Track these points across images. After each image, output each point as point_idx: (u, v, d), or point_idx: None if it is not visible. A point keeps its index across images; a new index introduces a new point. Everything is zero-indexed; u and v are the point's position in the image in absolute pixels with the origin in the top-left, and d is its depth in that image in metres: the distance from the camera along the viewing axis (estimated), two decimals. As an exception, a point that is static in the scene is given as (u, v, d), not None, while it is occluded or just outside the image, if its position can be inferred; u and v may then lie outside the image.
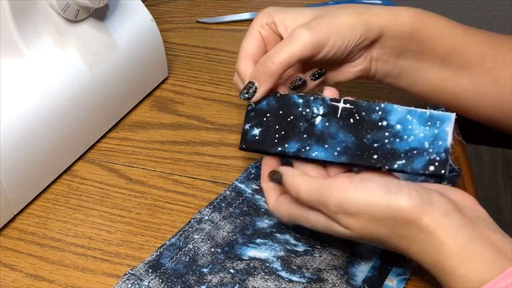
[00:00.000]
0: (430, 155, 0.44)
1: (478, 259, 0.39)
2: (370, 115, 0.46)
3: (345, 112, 0.47)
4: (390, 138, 0.45)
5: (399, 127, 0.45)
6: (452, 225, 0.40)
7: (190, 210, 0.55)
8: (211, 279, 0.48)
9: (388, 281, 0.48)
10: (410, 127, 0.45)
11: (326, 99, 0.47)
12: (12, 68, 0.54)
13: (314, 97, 0.48)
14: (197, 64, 0.73)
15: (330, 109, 0.47)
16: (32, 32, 0.54)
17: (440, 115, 0.45)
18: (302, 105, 0.48)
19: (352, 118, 0.47)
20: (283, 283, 0.48)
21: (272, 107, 0.49)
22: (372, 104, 0.46)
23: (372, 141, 0.45)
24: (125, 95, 0.64)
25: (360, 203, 0.42)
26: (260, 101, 0.50)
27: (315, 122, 0.47)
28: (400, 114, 0.46)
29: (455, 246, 0.40)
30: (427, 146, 0.45)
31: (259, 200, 0.55)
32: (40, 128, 0.54)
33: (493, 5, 1.42)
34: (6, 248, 0.52)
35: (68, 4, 0.56)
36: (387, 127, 0.46)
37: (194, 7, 0.84)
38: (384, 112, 0.46)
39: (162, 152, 0.61)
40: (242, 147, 0.50)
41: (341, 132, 0.47)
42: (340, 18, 0.49)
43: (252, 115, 0.50)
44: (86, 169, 0.60)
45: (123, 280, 0.48)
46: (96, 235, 0.53)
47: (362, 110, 0.46)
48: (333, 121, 0.47)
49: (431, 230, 0.40)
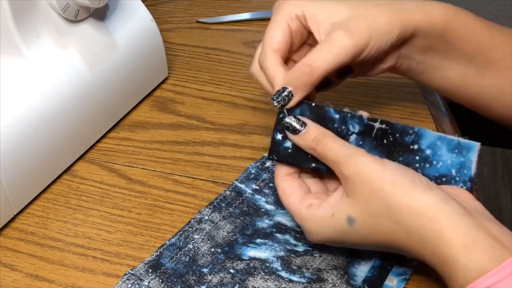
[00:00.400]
0: (457, 183, 0.46)
1: (479, 248, 0.39)
2: (403, 137, 0.46)
3: (380, 132, 0.47)
4: (421, 162, 0.46)
5: (429, 152, 0.46)
6: (451, 211, 0.40)
7: (190, 210, 0.55)
8: (211, 279, 0.48)
9: (388, 281, 0.48)
10: (439, 153, 0.46)
11: (364, 118, 0.47)
12: (12, 68, 0.54)
13: (351, 115, 0.47)
14: (197, 64, 0.73)
15: (365, 127, 0.47)
16: (32, 32, 0.54)
17: (467, 144, 0.46)
18: (338, 121, 0.47)
19: (386, 139, 0.47)
20: (283, 283, 0.48)
21: (306, 117, 0.47)
22: (407, 127, 0.47)
23: (404, 164, 0.45)
24: (125, 95, 0.64)
25: (372, 170, 0.42)
26: (293, 109, 0.47)
27: (349, 139, 0.47)
28: (431, 139, 0.46)
29: (457, 233, 0.39)
30: (454, 173, 0.46)
31: (259, 200, 0.55)
32: (40, 128, 0.54)
33: (493, 5, 1.42)
34: (6, 248, 0.52)
35: (68, 4, 0.56)
36: (418, 151, 0.46)
37: (194, 7, 0.84)
38: (417, 136, 0.46)
39: (162, 152, 0.61)
40: (273, 158, 0.48)
41: (374, 152, 0.47)
42: (377, 19, 0.47)
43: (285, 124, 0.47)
44: (86, 169, 0.60)
45: (123, 280, 0.48)
46: (96, 235, 0.53)
47: (397, 132, 0.47)
48: (367, 140, 0.47)
49: (431, 214, 0.40)
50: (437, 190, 0.41)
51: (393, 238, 0.43)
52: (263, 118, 0.65)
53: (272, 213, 0.53)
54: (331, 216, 0.44)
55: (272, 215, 0.53)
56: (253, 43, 0.77)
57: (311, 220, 0.45)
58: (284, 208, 0.53)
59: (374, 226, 0.43)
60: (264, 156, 0.59)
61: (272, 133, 0.48)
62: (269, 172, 0.57)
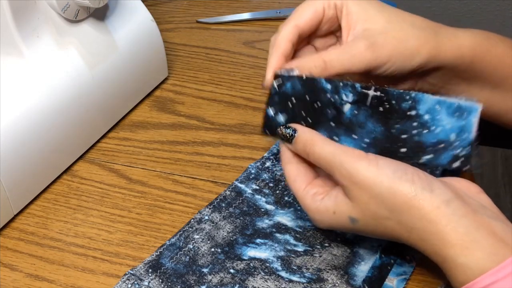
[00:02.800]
0: (455, 149, 0.45)
1: (478, 248, 0.39)
2: (400, 103, 0.46)
3: (375, 100, 0.46)
4: (419, 128, 0.45)
5: (427, 117, 0.45)
6: (453, 213, 0.40)
7: (190, 210, 0.55)
8: (211, 279, 0.48)
9: (388, 281, 0.48)
10: (439, 117, 0.45)
11: (356, 86, 0.46)
12: (12, 68, 0.54)
13: (343, 83, 0.46)
14: (197, 64, 0.73)
15: (359, 96, 0.46)
16: (32, 32, 0.54)
17: (468, 106, 0.45)
18: (330, 91, 0.46)
19: (382, 107, 0.46)
20: (283, 283, 0.48)
21: (298, 92, 0.46)
22: (403, 93, 0.46)
23: (400, 132, 0.45)
24: (125, 95, 0.64)
25: (367, 178, 0.42)
26: (284, 84, 0.46)
27: (343, 109, 0.46)
28: (430, 104, 0.45)
29: (455, 234, 0.40)
30: (453, 138, 0.45)
31: (259, 200, 0.55)
32: (40, 128, 0.54)
33: (493, 5, 1.42)
34: (6, 248, 0.52)
35: (68, 4, 0.56)
36: (416, 116, 0.45)
37: (194, 7, 0.84)
38: (414, 101, 0.45)
39: (162, 152, 0.61)
40: (266, 133, 0.48)
41: (369, 121, 0.46)
42: (406, 42, 0.47)
43: (276, 99, 0.47)
44: (86, 169, 0.60)
45: (123, 280, 0.48)
46: (96, 235, 0.53)
47: (393, 99, 0.46)
48: (362, 109, 0.46)
49: (431, 217, 0.40)
50: (438, 191, 0.41)
51: (396, 235, 0.43)
52: (263, 118, 0.65)
53: (272, 213, 0.53)
54: (333, 213, 0.45)
55: (272, 215, 0.53)
56: (253, 43, 0.77)
57: (314, 211, 0.46)
58: (284, 209, 0.53)
59: (376, 226, 0.44)
60: (264, 156, 0.59)
61: (265, 108, 0.47)
62: (269, 172, 0.57)
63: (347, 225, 0.45)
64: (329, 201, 0.45)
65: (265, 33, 0.78)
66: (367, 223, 0.44)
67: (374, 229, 0.44)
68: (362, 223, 0.44)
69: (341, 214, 0.44)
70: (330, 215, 0.45)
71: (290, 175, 0.47)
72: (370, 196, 0.42)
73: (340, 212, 0.44)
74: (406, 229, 0.42)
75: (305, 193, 0.46)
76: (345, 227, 0.45)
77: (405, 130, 0.46)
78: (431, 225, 0.40)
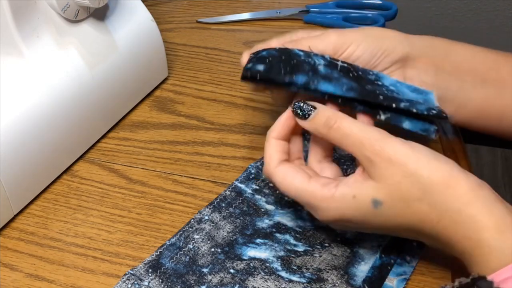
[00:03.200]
0: (426, 105, 0.49)
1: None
2: (366, 75, 0.49)
3: (344, 68, 0.49)
4: (388, 92, 0.49)
5: (393, 88, 0.50)
6: (487, 197, 0.40)
7: (190, 210, 0.55)
8: (211, 279, 0.48)
9: (388, 281, 0.48)
10: (401, 90, 0.50)
11: (326, 56, 0.49)
12: (12, 68, 0.54)
13: (313, 52, 0.50)
14: (197, 64, 0.73)
15: (329, 62, 0.49)
16: (32, 32, 0.54)
17: (422, 89, 0.51)
18: (303, 55, 0.49)
19: (351, 73, 0.49)
20: (283, 283, 0.48)
21: (274, 54, 0.49)
22: (367, 69, 0.50)
23: (373, 89, 0.48)
24: (125, 95, 0.64)
25: (403, 154, 0.41)
26: (260, 52, 0.50)
27: (318, 68, 0.48)
28: (391, 81, 0.50)
29: (491, 218, 0.39)
30: (422, 101, 0.49)
31: (259, 200, 0.55)
32: (40, 128, 0.54)
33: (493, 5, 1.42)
34: (6, 248, 0.52)
35: (68, 4, 0.56)
36: (382, 86, 0.49)
37: (194, 7, 0.84)
38: (377, 77, 0.50)
39: (162, 152, 0.61)
40: (245, 76, 0.49)
41: (343, 78, 0.48)
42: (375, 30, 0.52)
43: (254, 59, 0.49)
44: (86, 169, 0.60)
45: (123, 280, 0.48)
46: (96, 235, 0.53)
47: (359, 70, 0.49)
48: (335, 71, 0.48)
49: (467, 199, 0.40)
50: (472, 177, 0.41)
51: (423, 221, 0.42)
52: (263, 118, 0.65)
53: (272, 213, 0.53)
54: (352, 198, 0.43)
55: (272, 215, 0.53)
56: (253, 43, 0.76)
57: (329, 199, 0.44)
58: (284, 209, 0.53)
59: (402, 209, 0.42)
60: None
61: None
62: (269, 172, 0.57)
63: (366, 211, 0.43)
64: (346, 187, 0.43)
65: (265, 33, 0.78)
66: (393, 205, 0.42)
67: (398, 213, 0.42)
68: (387, 206, 0.42)
69: (363, 197, 0.42)
70: (348, 200, 0.43)
71: (286, 174, 0.46)
72: (404, 174, 0.41)
73: (361, 195, 0.42)
74: (438, 212, 0.41)
75: (313, 184, 0.45)
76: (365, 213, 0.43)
77: (378, 90, 0.49)
78: (466, 207, 0.40)
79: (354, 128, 0.44)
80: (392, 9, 0.79)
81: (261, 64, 0.49)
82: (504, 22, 1.44)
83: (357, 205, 0.43)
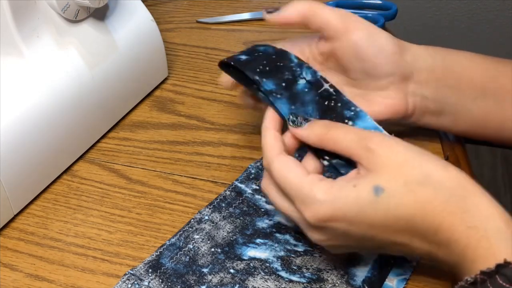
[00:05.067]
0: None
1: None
2: (344, 109, 0.47)
3: (326, 93, 0.48)
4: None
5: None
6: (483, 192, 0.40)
7: (190, 210, 0.55)
8: (211, 279, 0.48)
9: (388, 281, 0.48)
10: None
11: (318, 73, 0.49)
12: (12, 68, 0.54)
13: (308, 65, 0.50)
14: (197, 64, 0.73)
15: (316, 81, 0.49)
16: (32, 32, 0.54)
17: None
18: (295, 63, 0.49)
19: (328, 101, 0.48)
20: (283, 283, 0.48)
21: (268, 51, 0.50)
22: (350, 103, 0.48)
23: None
24: (125, 95, 0.64)
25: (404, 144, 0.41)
26: (259, 45, 0.51)
27: (298, 81, 0.49)
28: (368, 125, 0.46)
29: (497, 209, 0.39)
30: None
31: (259, 200, 0.55)
32: (40, 128, 0.54)
33: (493, 5, 1.42)
34: (6, 248, 0.52)
35: (68, 4, 0.56)
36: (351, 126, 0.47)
37: (194, 7, 0.84)
38: (356, 115, 0.47)
39: (162, 152, 0.61)
40: (223, 61, 0.51)
41: (312, 105, 0.48)
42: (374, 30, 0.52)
43: (247, 51, 0.51)
44: (86, 169, 0.60)
45: (123, 280, 0.48)
46: (96, 235, 0.53)
47: (340, 102, 0.48)
48: (312, 92, 0.48)
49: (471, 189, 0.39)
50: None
51: (426, 209, 0.40)
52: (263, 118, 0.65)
53: (272, 213, 0.53)
54: (353, 186, 0.41)
55: (272, 215, 0.53)
56: (253, 43, 0.76)
57: (327, 190, 0.41)
58: None
59: (405, 195, 0.40)
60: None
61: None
62: (269, 172, 0.57)
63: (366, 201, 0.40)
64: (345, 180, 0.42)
65: (265, 33, 0.78)
66: (395, 192, 0.40)
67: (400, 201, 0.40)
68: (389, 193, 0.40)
69: (363, 185, 0.40)
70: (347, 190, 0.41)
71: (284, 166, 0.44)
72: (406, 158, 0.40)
73: (362, 183, 0.41)
74: (443, 198, 0.39)
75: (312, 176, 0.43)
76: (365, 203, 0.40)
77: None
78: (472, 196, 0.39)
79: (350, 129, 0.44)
80: (392, 9, 0.79)
81: (247, 56, 0.50)
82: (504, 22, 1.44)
83: (357, 193, 0.41)
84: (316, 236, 0.44)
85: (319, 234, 0.43)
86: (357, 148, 0.42)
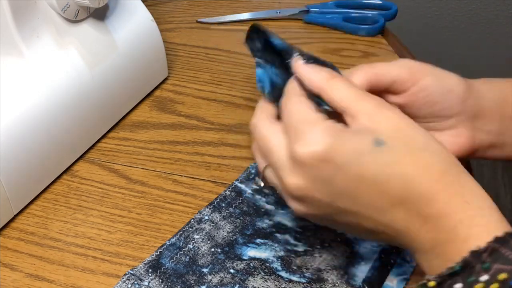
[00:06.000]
0: None
1: None
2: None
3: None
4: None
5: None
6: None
7: (190, 210, 0.55)
8: (211, 279, 0.48)
9: (388, 281, 0.48)
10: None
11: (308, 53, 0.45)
12: (12, 68, 0.54)
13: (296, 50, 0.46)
14: (197, 64, 0.73)
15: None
16: (32, 32, 0.54)
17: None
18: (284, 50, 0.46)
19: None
20: (283, 283, 0.48)
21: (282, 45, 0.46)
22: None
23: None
24: (125, 95, 0.64)
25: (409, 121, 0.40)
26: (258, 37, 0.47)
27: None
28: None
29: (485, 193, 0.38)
30: None
31: (259, 200, 0.55)
32: (40, 128, 0.54)
33: (493, 5, 1.42)
34: (6, 248, 0.52)
35: (68, 4, 0.56)
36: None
37: (194, 7, 0.84)
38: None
39: (162, 152, 0.61)
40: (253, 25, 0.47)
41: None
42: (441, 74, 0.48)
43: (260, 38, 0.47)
44: (86, 169, 0.60)
45: (123, 280, 0.48)
46: (96, 235, 0.53)
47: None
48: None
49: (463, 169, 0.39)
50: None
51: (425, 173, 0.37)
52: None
53: (272, 213, 0.53)
54: (352, 134, 0.39)
55: (272, 215, 0.53)
56: (253, 43, 0.77)
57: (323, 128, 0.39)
58: (284, 209, 0.53)
59: (406, 155, 0.38)
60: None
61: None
62: (269, 172, 0.57)
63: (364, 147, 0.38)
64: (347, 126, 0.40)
65: (265, 33, 0.78)
66: (397, 148, 0.38)
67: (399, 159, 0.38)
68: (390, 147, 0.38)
69: (364, 133, 0.38)
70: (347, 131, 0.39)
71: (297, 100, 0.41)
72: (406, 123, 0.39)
73: (363, 131, 0.38)
74: (442, 167, 0.38)
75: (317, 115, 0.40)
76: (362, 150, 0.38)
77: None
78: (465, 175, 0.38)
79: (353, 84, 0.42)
80: (392, 9, 0.79)
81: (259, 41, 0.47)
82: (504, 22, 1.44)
83: (356, 139, 0.38)
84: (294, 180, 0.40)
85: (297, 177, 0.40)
86: (358, 101, 0.40)
